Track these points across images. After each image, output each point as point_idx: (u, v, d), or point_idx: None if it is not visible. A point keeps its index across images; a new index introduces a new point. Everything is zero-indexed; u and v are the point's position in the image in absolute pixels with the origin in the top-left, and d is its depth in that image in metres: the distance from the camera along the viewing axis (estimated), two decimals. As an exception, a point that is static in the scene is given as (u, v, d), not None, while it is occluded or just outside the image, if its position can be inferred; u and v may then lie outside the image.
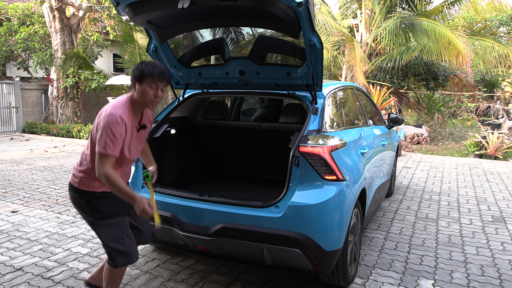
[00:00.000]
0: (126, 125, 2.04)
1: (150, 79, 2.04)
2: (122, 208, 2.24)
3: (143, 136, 2.29)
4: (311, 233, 2.34)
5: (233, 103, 4.96)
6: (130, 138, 2.12)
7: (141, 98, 2.07)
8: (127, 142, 2.10)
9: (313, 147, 2.44)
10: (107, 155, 1.97)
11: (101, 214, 2.19)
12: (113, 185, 1.99)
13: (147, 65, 2.05)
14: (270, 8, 2.27)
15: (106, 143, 1.96)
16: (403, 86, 10.99)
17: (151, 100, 2.08)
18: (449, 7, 10.78)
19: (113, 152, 1.99)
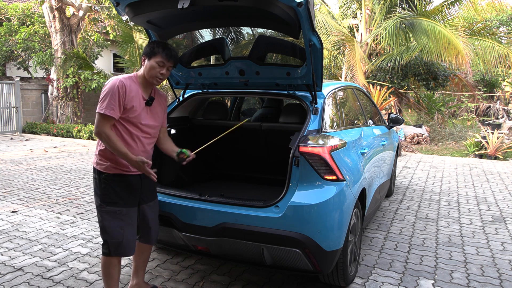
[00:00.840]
0: (127, 90, 2.19)
1: (160, 57, 2.24)
2: (130, 198, 2.33)
3: (156, 112, 2.40)
4: (311, 233, 2.34)
5: (233, 103, 4.96)
6: (139, 108, 2.26)
7: (148, 73, 2.26)
8: (134, 109, 2.23)
9: (313, 147, 2.44)
10: (104, 114, 2.13)
11: (108, 198, 2.28)
12: (110, 143, 2.16)
13: (158, 44, 2.27)
14: (270, 8, 2.27)
15: (103, 103, 2.13)
16: (403, 86, 10.99)
17: (156, 76, 2.26)
18: (449, 7, 10.78)
19: (109, 112, 2.13)
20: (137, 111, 2.26)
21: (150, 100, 2.34)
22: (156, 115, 2.41)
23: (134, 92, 2.24)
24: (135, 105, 2.24)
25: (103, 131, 2.16)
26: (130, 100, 2.22)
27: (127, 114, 2.24)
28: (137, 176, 2.35)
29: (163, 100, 2.51)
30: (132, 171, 2.32)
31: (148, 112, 2.34)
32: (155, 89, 2.43)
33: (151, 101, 2.34)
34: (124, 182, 2.31)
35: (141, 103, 2.28)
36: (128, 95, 2.20)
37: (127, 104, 2.21)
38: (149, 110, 2.34)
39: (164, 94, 2.53)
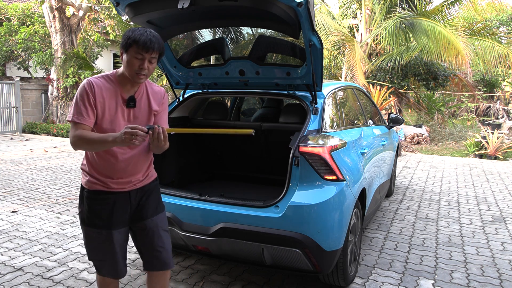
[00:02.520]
0: (95, 90, 1.81)
1: (135, 47, 1.77)
2: (113, 219, 1.94)
3: (142, 116, 1.95)
4: (311, 233, 2.34)
5: (233, 103, 4.96)
6: (113, 111, 1.86)
7: (126, 69, 1.83)
8: (107, 114, 1.85)
9: (313, 147, 2.44)
10: (71, 121, 1.81)
11: (87, 218, 1.96)
12: (83, 140, 1.77)
13: (134, 31, 1.79)
14: (270, 8, 2.27)
15: (71, 110, 1.82)
16: (403, 86, 10.99)
17: (135, 72, 1.81)
18: (449, 7, 10.78)
19: (77, 118, 1.78)
20: (110, 113, 1.85)
21: (131, 100, 1.89)
22: (142, 119, 1.95)
23: (109, 92, 1.85)
24: (110, 107, 1.85)
25: (74, 134, 1.79)
26: (102, 101, 1.83)
27: (101, 121, 1.85)
28: (123, 194, 1.96)
29: (157, 98, 2.01)
30: (115, 188, 1.93)
31: (130, 117, 1.90)
32: (145, 86, 1.98)
33: (132, 102, 1.89)
34: (105, 201, 1.93)
35: (118, 105, 1.87)
36: (99, 95, 1.82)
37: (98, 106, 1.82)
38: (130, 114, 1.91)
39: (161, 90, 2.06)
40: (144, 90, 1.97)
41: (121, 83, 1.89)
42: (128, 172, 1.96)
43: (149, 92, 1.99)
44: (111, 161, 1.90)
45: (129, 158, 1.94)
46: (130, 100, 1.89)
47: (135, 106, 1.91)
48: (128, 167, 1.95)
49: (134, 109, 1.92)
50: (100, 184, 1.93)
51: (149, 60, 1.82)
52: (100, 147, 1.80)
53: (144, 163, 2.03)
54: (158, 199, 2.13)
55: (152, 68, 1.85)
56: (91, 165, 1.94)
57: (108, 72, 1.92)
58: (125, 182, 1.96)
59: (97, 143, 1.76)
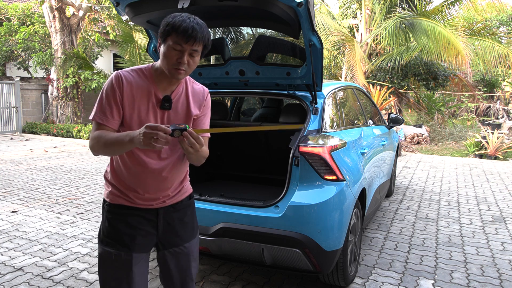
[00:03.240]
0: (124, 85, 1.53)
1: (174, 36, 1.45)
2: (137, 240, 1.63)
3: (177, 120, 1.63)
4: (311, 233, 2.34)
5: (233, 103, 4.96)
6: (144, 113, 1.56)
7: (163, 62, 1.52)
8: (136, 116, 1.55)
9: (313, 147, 2.44)
10: (93, 120, 1.55)
11: (106, 236, 1.66)
12: (100, 142, 1.49)
13: (175, 17, 1.48)
14: (270, 8, 2.27)
15: (95, 107, 1.56)
16: (403, 86, 10.99)
17: (172, 66, 1.49)
18: (449, 7, 10.79)
19: (99, 118, 1.52)
20: (141, 117, 1.55)
21: (166, 101, 1.57)
22: (177, 119, 1.63)
23: (141, 90, 1.55)
24: (140, 107, 1.55)
25: (92, 139, 1.53)
26: (131, 100, 1.54)
27: (129, 124, 1.56)
28: (150, 211, 1.66)
29: (198, 99, 1.68)
30: (140, 204, 1.64)
31: (164, 120, 1.59)
32: (185, 84, 1.65)
33: (167, 102, 1.57)
34: (128, 217, 1.64)
35: (151, 105, 1.56)
36: (128, 92, 1.53)
37: (125, 106, 1.54)
38: (164, 117, 1.60)
39: (203, 90, 1.72)
40: (183, 89, 1.64)
41: (156, 79, 1.57)
42: (157, 186, 1.64)
43: (189, 91, 1.66)
44: (138, 171, 1.61)
45: (159, 168, 1.62)
46: (165, 100, 1.57)
47: (171, 108, 1.59)
48: (158, 179, 1.63)
49: (169, 111, 1.59)
50: (124, 198, 1.64)
51: (190, 53, 1.49)
52: (118, 149, 1.49)
53: (178, 176, 1.71)
54: (193, 221, 1.79)
55: (194, 63, 1.53)
56: (115, 174, 1.65)
57: (142, 66, 1.61)
58: (152, 198, 1.65)
59: (115, 144, 1.47)
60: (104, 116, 1.53)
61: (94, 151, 1.55)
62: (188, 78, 1.69)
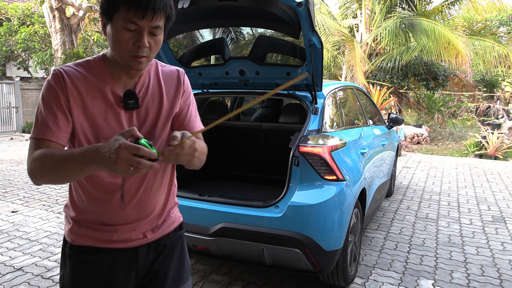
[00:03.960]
0: (68, 87, 1.10)
1: (124, 11, 1.04)
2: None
3: (150, 120, 1.21)
4: (311, 233, 2.34)
5: (233, 103, 4.96)
6: (101, 118, 1.14)
7: (113, 49, 1.10)
8: (91, 123, 1.13)
9: (313, 147, 2.44)
10: (31, 138, 1.12)
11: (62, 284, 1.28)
12: (44, 163, 1.04)
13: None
14: (270, 8, 2.27)
15: (34, 122, 1.13)
16: (403, 86, 11.00)
17: (129, 54, 1.08)
18: (449, 7, 10.79)
19: (39, 132, 1.09)
20: (99, 123, 1.14)
21: (130, 97, 1.16)
22: (153, 126, 1.21)
23: (91, 86, 1.14)
24: (93, 112, 1.13)
25: (32, 161, 1.07)
26: (81, 101, 1.12)
27: (83, 137, 1.14)
28: (126, 252, 1.24)
29: (173, 86, 1.26)
30: (114, 243, 1.22)
31: (133, 123, 1.18)
32: (150, 70, 1.24)
33: (132, 99, 1.16)
34: (97, 264, 1.22)
35: (110, 106, 1.15)
36: (73, 92, 1.11)
37: (73, 110, 1.11)
38: (133, 120, 1.18)
39: (175, 70, 1.29)
40: (149, 78, 1.22)
41: (111, 71, 1.16)
42: (133, 215, 1.22)
43: (160, 78, 1.24)
44: (103, 196, 1.18)
45: (133, 188, 1.20)
46: (128, 96, 1.16)
47: (139, 105, 1.18)
48: (133, 204, 1.21)
49: (138, 110, 1.18)
50: (90, 237, 1.21)
51: (150, 32, 1.09)
52: (73, 172, 1.02)
53: (160, 196, 1.28)
54: (182, 261, 1.35)
55: (157, 43, 1.14)
56: (76, 206, 1.23)
57: (90, 57, 1.20)
58: (128, 230, 1.22)
59: (67, 164, 1.01)
60: (46, 129, 1.08)
61: (36, 179, 1.07)
62: (153, 62, 1.26)
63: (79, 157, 0.99)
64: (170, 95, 1.25)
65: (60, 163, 1.02)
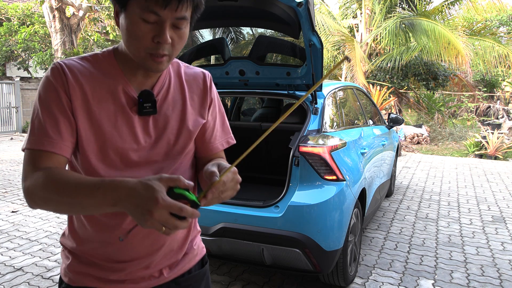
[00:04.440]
0: (70, 84, 0.89)
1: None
2: None
3: (172, 131, 0.99)
4: (311, 233, 2.34)
5: (233, 103, 4.96)
6: (111, 124, 0.93)
7: (128, 44, 0.89)
8: (99, 129, 0.92)
9: (313, 147, 2.44)
10: (26, 149, 0.89)
11: None
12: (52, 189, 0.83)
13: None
14: (270, 8, 2.28)
15: (29, 129, 0.91)
16: (403, 86, 11.00)
17: (146, 51, 0.88)
18: (449, 7, 10.80)
19: (37, 141, 0.87)
20: (107, 130, 0.93)
21: (146, 99, 0.95)
22: (173, 137, 1.00)
23: (99, 85, 0.93)
24: (101, 115, 0.92)
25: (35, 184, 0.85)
26: (86, 102, 0.91)
27: (89, 146, 0.92)
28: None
29: (198, 90, 1.05)
30: (123, 283, 1.01)
31: (149, 133, 0.97)
32: (172, 70, 1.03)
33: (149, 102, 0.96)
34: None
35: (122, 109, 0.94)
36: (78, 91, 0.90)
37: (77, 113, 0.90)
38: (149, 128, 0.97)
39: (201, 73, 1.08)
40: (169, 79, 1.01)
41: (124, 68, 0.95)
42: (146, 243, 1.00)
43: (183, 80, 1.03)
44: (112, 216, 0.97)
45: None
46: (144, 98, 0.95)
47: (156, 110, 0.96)
48: (146, 235, 0.99)
49: (155, 116, 0.97)
50: (92, 276, 1.00)
51: (174, 24, 0.87)
52: (90, 208, 0.83)
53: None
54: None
55: (181, 39, 0.91)
56: (78, 237, 1.01)
57: (96, 51, 0.99)
58: (140, 267, 1.01)
59: (84, 196, 0.80)
60: (45, 138, 0.86)
61: (36, 204, 0.85)
62: (174, 61, 1.05)
63: (101, 194, 0.78)
64: (195, 103, 1.03)
65: (75, 195, 0.80)
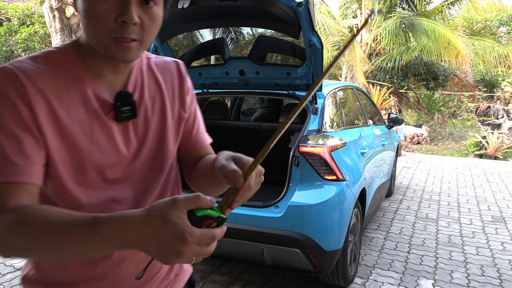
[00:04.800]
0: (28, 89, 0.69)
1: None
2: None
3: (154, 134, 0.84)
4: (311, 233, 2.34)
5: (233, 103, 4.96)
6: (86, 133, 0.74)
7: (87, 28, 0.71)
8: (71, 143, 0.72)
9: (313, 147, 2.44)
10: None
11: None
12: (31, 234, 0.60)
13: None
14: (270, 8, 2.27)
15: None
16: (403, 86, 11.00)
17: (108, 36, 0.69)
18: (449, 7, 10.80)
19: (5, 175, 0.65)
20: (83, 145, 0.73)
21: (124, 101, 0.78)
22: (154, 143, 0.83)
23: (63, 88, 0.72)
24: (73, 127, 0.72)
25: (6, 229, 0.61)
26: (52, 113, 0.70)
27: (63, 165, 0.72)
28: None
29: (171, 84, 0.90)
30: None
31: (130, 142, 0.80)
32: (142, 63, 0.85)
33: (128, 104, 0.78)
34: None
35: (95, 116, 0.75)
36: (40, 100, 0.69)
37: (44, 128, 0.69)
38: (132, 135, 0.80)
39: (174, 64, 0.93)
40: (141, 73, 0.84)
41: (88, 65, 0.76)
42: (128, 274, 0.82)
43: (156, 73, 0.86)
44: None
45: None
46: (122, 100, 0.77)
47: (136, 114, 0.80)
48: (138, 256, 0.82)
49: (135, 120, 0.80)
50: None
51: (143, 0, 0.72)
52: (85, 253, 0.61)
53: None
54: None
55: (153, 19, 0.76)
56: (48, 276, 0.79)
57: (51, 48, 0.79)
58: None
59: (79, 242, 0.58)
60: (8, 165, 0.66)
61: (7, 252, 0.63)
62: (147, 54, 0.87)
63: (101, 238, 0.56)
64: (174, 96, 0.88)
65: (64, 242, 0.58)
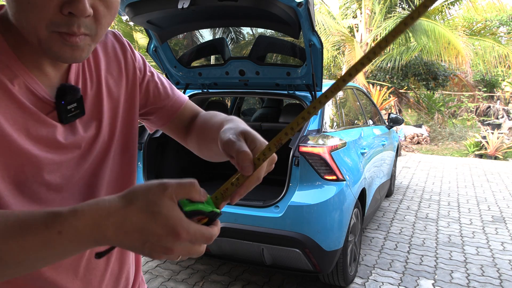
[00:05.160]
0: None
1: None
2: None
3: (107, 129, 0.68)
4: (311, 233, 2.34)
5: (233, 103, 4.97)
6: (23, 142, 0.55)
7: (19, 16, 0.52)
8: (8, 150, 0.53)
9: (313, 147, 2.44)
10: None
11: None
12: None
13: None
14: (270, 8, 2.27)
15: None
16: (403, 86, 11.00)
17: (49, 27, 0.51)
18: (449, 7, 10.80)
19: None
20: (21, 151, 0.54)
21: (68, 98, 0.60)
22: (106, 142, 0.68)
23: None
24: (6, 133, 0.52)
25: None
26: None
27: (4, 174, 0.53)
28: None
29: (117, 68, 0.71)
30: None
31: (73, 142, 0.62)
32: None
33: (74, 101, 0.61)
34: None
35: (34, 118, 0.56)
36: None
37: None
38: (73, 136, 0.62)
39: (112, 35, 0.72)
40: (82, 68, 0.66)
41: (20, 54, 0.57)
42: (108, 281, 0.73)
43: (99, 56, 0.69)
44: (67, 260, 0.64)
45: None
46: (65, 96, 0.61)
47: (84, 111, 0.64)
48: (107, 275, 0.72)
49: (83, 119, 0.65)
50: None
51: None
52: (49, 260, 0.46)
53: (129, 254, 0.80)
54: None
55: (110, 8, 0.56)
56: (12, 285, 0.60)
57: None
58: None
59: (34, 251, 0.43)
60: None
61: None
62: None
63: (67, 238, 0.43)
64: (121, 73, 0.72)
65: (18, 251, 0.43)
